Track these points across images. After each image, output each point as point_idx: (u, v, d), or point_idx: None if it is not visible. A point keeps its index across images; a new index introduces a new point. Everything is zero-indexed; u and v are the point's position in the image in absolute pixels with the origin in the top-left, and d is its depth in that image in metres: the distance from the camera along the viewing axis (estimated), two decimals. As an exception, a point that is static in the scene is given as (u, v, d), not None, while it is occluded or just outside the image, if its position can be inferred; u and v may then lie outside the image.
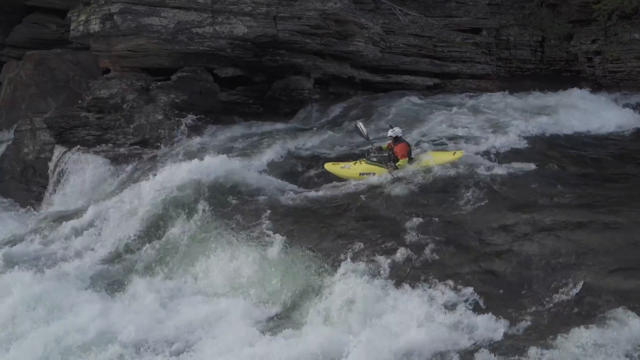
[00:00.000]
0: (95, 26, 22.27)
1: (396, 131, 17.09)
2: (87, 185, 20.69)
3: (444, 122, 20.73)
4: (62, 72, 26.24)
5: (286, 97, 22.99)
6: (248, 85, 23.22)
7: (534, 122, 20.54)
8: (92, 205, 18.09)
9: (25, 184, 24.31)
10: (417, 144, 18.74)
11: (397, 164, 16.76)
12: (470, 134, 19.38)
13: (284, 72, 23.03)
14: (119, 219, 16.68)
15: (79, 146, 22.34)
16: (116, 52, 22.58)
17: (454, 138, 19.17)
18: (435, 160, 16.70)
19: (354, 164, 17.63)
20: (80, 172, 21.20)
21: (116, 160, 21.02)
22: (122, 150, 21.71)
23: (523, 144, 18.63)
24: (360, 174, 17.20)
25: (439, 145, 18.80)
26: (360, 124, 18.39)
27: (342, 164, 17.90)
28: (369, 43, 24.31)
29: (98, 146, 22.17)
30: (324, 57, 23.50)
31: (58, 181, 22.11)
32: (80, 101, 23.43)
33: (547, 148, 18.77)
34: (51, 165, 22.74)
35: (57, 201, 21.49)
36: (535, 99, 24.06)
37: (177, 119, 21.68)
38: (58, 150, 22.71)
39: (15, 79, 27.17)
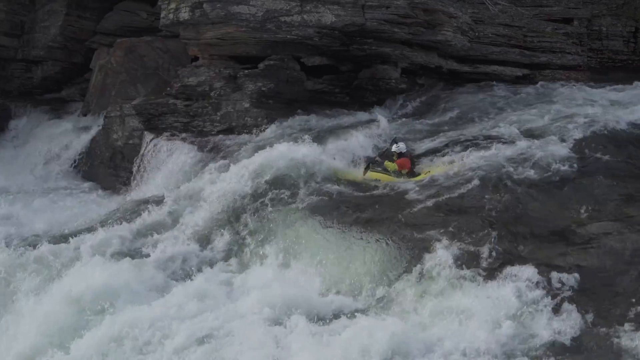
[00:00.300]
0: (184, 14, 22.58)
1: (401, 147, 17.63)
2: (174, 171, 20.99)
3: (536, 112, 20.37)
4: (151, 60, 26.72)
5: (372, 86, 22.91)
6: (334, 74, 23.23)
7: (627, 115, 20.04)
8: (178, 191, 18.45)
9: (114, 169, 24.89)
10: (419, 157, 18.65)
11: (387, 164, 17.35)
12: (559, 125, 19.02)
13: (371, 61, 22.95)
14: (204, 205, 16.95)
15: (166, 133, 22.80)
16: (205, 40, 22.85)
17: (540, 128, 18.80)
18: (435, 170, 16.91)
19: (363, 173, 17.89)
20: (168, 158, 21.55)
21: (203, 147, 21.32)
22: (208, 137, 22.02)
23: (610, 136, 18.17)
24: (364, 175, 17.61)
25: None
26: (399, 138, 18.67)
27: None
28: (457, 32, 24.06)
29: (185, 133, 22.57)
30: (411, 47, 23.34)
31: (145, 167, 22.53)
32: (168, 88, 23.81)
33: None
34: (139, 151, 23.19)
35: (144, 187, 21.92)
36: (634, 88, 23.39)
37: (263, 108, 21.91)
38: (146, 136, 23.15)
39: (105, 65, 27.79)
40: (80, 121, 28.48)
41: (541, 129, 18.37)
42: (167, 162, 21.58)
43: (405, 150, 17.64)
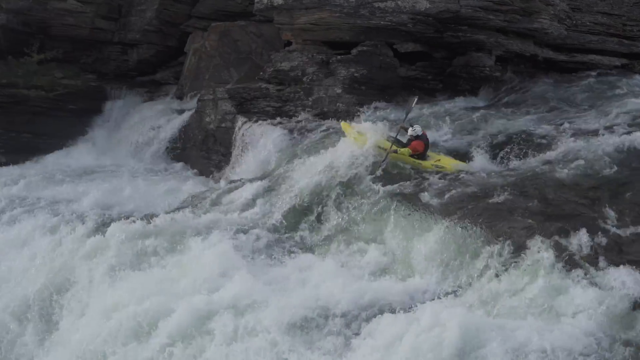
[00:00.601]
0: (279, -1, 23.00)
1: (417, 130, 17.46)
2: (265, 155, 21.20)
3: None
4: (245, 44, 27.13)
5: (466, 74, 22.77)
6: (427, 61, 23.18)
7: None
8: (269, 175, 18.75)
9: (206, 152, 25.37)
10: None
11: (400, 150, 17.13)
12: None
13: (465, 49, 22.82)
14: (294, 189, 17.15)
15: (258, 117, 23.14)
16: (298, 25, 23.14)
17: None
18: (447, 162, 17.15)
19: (368, 135, 17.71)
20: (259, 142, 21.78)
21: (294, 131, 21.47)
22: (300, 122, 22.26)
23: None
24: (356, 135, 17.66)
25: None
26: (414, 101, 18.69)
27: (357, 127, 18.24)
28: (554, 20, 23.74)
29: (277, 117, 22.85)
30: (506, 34, 23.12)
31: (238, 151, 22.89)
32: (261, 73, 24.19)
33: None
34: (232, 134, 23.58)
35: (235, 170, 22.24)
36: None
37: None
38: (239, 120, 23.52)
39: (200, 49, 28.33)
40: (173, 104, 29.12)
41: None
42: (258, 146, 21.78)
43: (420, 134, 17.51)
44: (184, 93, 28.85)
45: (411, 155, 17.17)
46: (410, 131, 17.51)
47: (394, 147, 17.10)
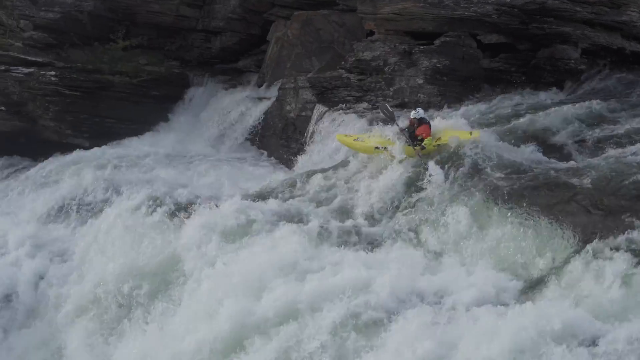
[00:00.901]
0: (367, -12, 23.20)
1: (420, 112, 17.73)
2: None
3: None
4: (327, 33, 27.36)
5: (551, 66, 22.56)
6: (511, 53, 23.08)
7: None
8: (346, 165, 18.90)
9: (285, 140, 25.73)
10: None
11: (423, 144, 17.04)
12: None
13: (550, 41, 22.62)
14: (374, 180, 17.31)
15: (338, 106, 23.36)
16: (382, 14, 23.30)
17: None
18: (453, 136, 17.06)
19: (368, 136, 18.28)
20: (339, 131, 21.93)
21: (374, 122, 21.47)
22: (379, 112, 22.32)
23: None
24: (375, 147, 17.82)
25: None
26: (386, 105, 19.18)
27: (355, 136, 18.63)
28: (643, 13, 23.45)
29: (357, 107, 23.06)
30: (593, 27, 22.87)
31: (316, 139, 23.14)
32: (343, 62, 24.41)
33: None
34: (311, 123, 23.86)
35: (314, 159, 22.52)
36: None
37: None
38: (318, 109, 23.79)
39: (282, 38, 28.67)
40: (254, 92, 29.56)
41: None
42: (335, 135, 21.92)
43: (424, 116, 17.80)
44: (265, 81, 29.26)
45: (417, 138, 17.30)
46: (412, 114, 17.80)
47: (417, 148, 17.15)
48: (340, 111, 23.02)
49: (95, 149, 27.27)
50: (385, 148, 17.59)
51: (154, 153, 26.49)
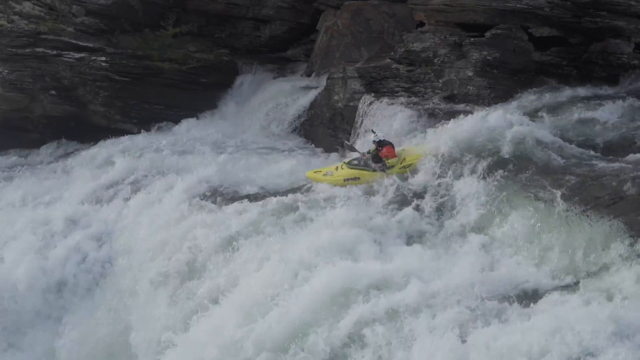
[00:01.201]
0: (414, -20, 23.29)
1: (379, 135, 18.72)
2: (392, 135, 21.53)
3: None
4: (377, 24, 27.50)
5: (603, 60, 22.40)
6: (562, 47, 23.01)
7: None
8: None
9: (333, 130, 25.85)
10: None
11: (388, 165, 17.91)
12: None
13: (603, 35, 22.51)
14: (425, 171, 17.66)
15: (386, 97, 23.47)
16: (432, 5, 23.41)
17: None
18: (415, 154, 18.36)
19: (336, 169, 19.26)
20: (386, 122, 22.06)
21: (422, 114, 21.66)
22: (428, 104, 22.46)
23: None
24: (344, 179, 18.67)
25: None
26: (347, 143, 20.45)
27: (324, 171, 19.52)
28: (701, 8, 23.19)
29: (405, 98, 23.10)
30: (647, 21, 22.78)
31: (363, 130, 23.27)
32: (392, 53, 24.54)
33: None
34: (358, 113, 24.00)
35: (360, 149, 22.65)
36: None
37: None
38: (366, 99, 23.93)
39: (331, 27, 28.84)
40: (303, 81, 29.82)
41: None
42: (385, 125, 22.02)
43: (384, 138, 18.71)
44: (313, 70, 29.49)
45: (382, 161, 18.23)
46: (372, 137, 18.70)
47: (388, 172, 18.07)
48: (388, 102, 23.06)
49: (144, 135, 27.86)
50: (358, 178, 18.45)
51: (201, 140, 26.91)
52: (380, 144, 18.56)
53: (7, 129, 30.05)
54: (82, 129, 29.83)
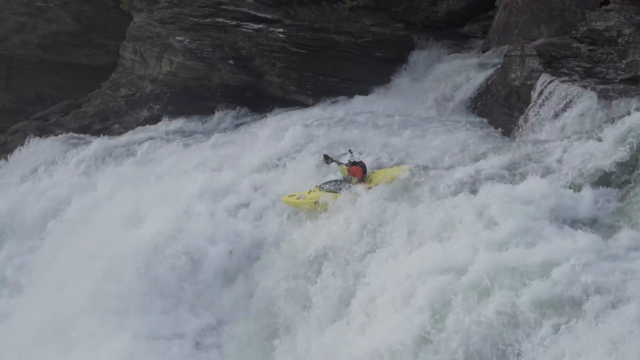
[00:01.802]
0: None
1: (354, 156, 19.73)
2: (569, 117, 21.33)
3: None
4: (558, 1, 27.08)
5: None
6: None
7: None
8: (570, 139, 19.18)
9: (508, 108, 25.81)
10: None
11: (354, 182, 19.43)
12: None
13: None
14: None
15: (565, 77, 23.24)
16: (619, -17, 22.99)
17: None
18: (383, 177, 19.35)
19: (308, 192, 20.36)
20: (563, 103, 21.98)
21: (603, 95, 21.07)
22: (610, 85, 22.07)
23: None
24: (315, 202, 19.87)
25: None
26: (326, 155, 21.04)
27: (298, 195, 20.63)
28: None
29: (585, 79, 22.84)
30: None
31: (539, 110, 23.19)
32: (573, 32, 24.22)
33: None
34: (534, 92, 23.92)
35: (533, 130, 22.65)
36: None
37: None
38: (543, 78, 23.80)
39: (511, 4, 28.68)
40: (478, 58, 29.77)
41: None
42: (562, 107, 21.95)
43: (358, 160, 19.62)
44: (490, 47, 29.43)
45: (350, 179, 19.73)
46: (348, 157, 19.63)
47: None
48: (566, 81, 22.83)
49: (318, 107, 28.74)
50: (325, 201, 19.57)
51: (375, 114, 27.56)
52: (353, 164, 19.60)
53: (188, 96, 31.68)
54: (257, 99, 31.03)
